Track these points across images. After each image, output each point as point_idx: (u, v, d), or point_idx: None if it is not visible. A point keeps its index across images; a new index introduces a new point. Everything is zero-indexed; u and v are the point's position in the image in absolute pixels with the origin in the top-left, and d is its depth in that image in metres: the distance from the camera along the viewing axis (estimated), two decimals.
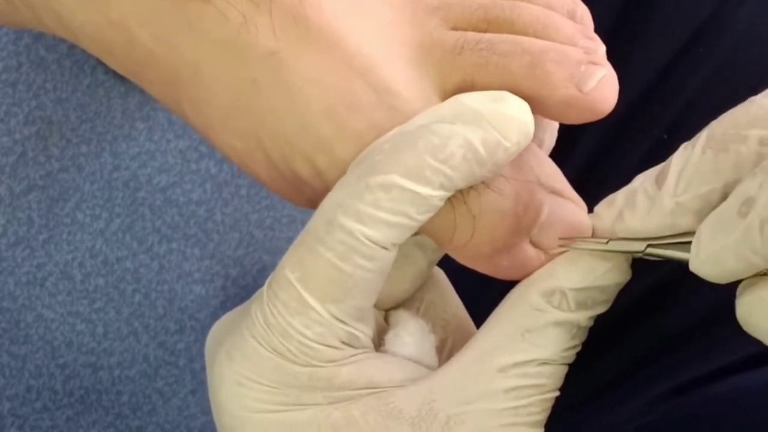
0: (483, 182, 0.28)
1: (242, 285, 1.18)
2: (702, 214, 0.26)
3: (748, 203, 0.24)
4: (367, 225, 0.26)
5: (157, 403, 1.15)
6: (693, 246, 0.26)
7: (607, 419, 0.43)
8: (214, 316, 1.17)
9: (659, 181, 0.27)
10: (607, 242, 0.28)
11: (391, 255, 0.27)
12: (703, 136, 0.26)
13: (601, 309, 0.29)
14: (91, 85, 1.05)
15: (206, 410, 1.18)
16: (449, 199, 0.27)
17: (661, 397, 0.41)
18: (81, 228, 1.08)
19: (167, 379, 1.15)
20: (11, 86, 1.01)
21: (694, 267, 0.26)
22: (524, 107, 0.27)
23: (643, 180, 0.28)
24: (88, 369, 1.10)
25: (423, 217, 0.27)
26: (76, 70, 1.04)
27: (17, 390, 1.07)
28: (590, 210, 0.30)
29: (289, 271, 0.27)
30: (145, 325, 1.13)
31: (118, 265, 1.10)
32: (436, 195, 0.27)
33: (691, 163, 0.26)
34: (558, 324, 0.28)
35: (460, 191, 0.28)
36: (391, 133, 0.27)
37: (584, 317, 0.28)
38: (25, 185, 1.04)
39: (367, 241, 0.26)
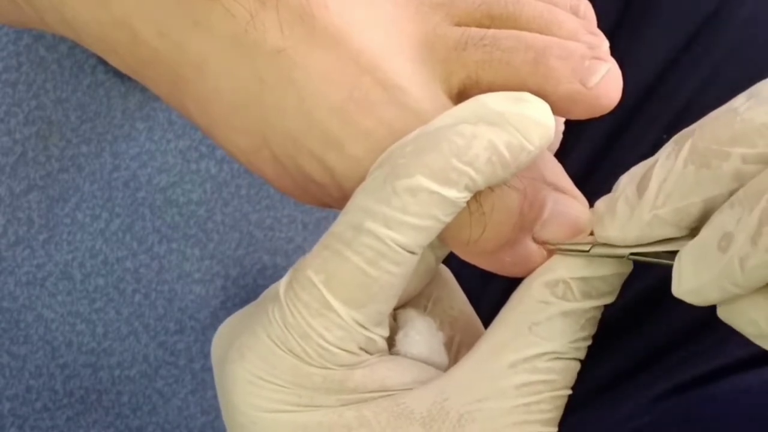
0: None
1: (242, 285, 1.18)
2: (680, 225, 0.26)
3: (727, 238, 0.24)
4: (396, 230, 0.26)
5: (157, 403, 1.15)
6: (674, 274, 0.26)
7: (607, 419, 0.43)
8: (214, 316, 1.17)
9: (640, 189, 0.27)
10: (590, 249, 0.28)
11: (416, 258, 0.27)
12: (685, 148, 0.26)
13: (607, 300, 0.29)
14: (91, 85, 1.05)
15: (206, 410, 1.18)
16: None
17: (660, 397, 0.41)
18: (81, 228, 1.08)
19: (167, 379, 1.15)
20: (11, 86, 1.01)
21: (676, 293, 0.26)
22: (546, 110, 0.27)
23: (626, 185, 0.28)
24: (88, 369, 1.10)
25: (449, 219, 0.27)
26: (76, 70, 1.04)
27: (17, 390, 1.07)
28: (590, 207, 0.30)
29: (313, 273, 0.27)
30: (145, 325, 1.13)
31: (118, 265, 1.10)
32: (462, 196, 0.26)
33: (673, 176, 0.26)
34: (565, 315, 0.28)
35: None
36: (412, 135, 0.27)
37: (590, 306, 0.28)
38: (25, 185, 1.04)
39: (396, 246, 0.26)
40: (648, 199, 0.26)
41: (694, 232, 0.26)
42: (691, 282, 0.25)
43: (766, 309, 0.25)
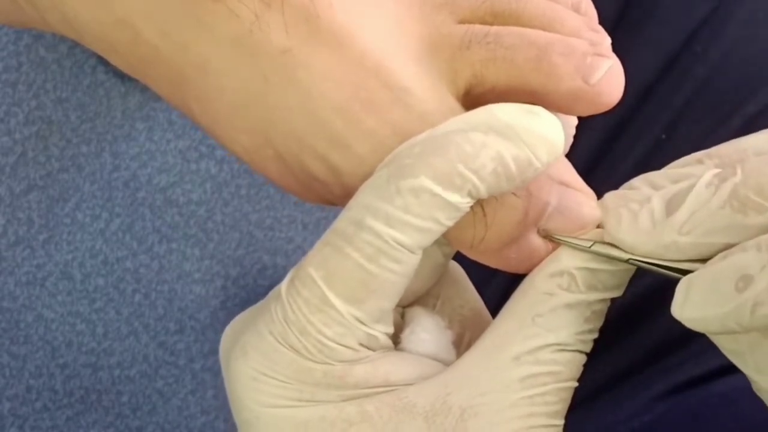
0: None
1: (242, 285, 1.18)
2: (693, 256, 0.27)
3: (746, 280, 0.24)
4: (396, 228, 0.26)
5: (157, 403, 1.15)
6: (679, 297, 0.26)
7: (606, 419, 0.43)
8: (214, 316, 1.17)
9: (669, 209, 0.27)
10: (591, 246, 0.28)
11: (417, 258, 0.27)
12: (726, 188, 0.26)
13: (614, 293, 0.29)
14: (91, 85, 1.05)
15: (206, 410, 1.18)
16: None
17: (660, 397, 0.42)
18: (81, 228, 1.08)
19: (167, 379, 1.15)
20: (11, 86, 1.01)
21: (677, 316, 0.26)
22: (557, 125, 0.27)
23: (654, 196, 0.28)
24: (88, 369, 1.10)
25: (451, 223, 0.27)
26: (76, 70, 1.04)
27: (17, 390, 1.07)
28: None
29: (313, 269, 0.27)
30: (145, 325, 1.13)
31: (118, 265, 1.10)
32: (464, 202, 0.27)
33: (707, 211, 0.26)
34: (569, 306, 0.28)
35: None
36: (421, 136, 0.27)
37: (595, 299, 0.28)
38: (25, 185, 1.04)
39: (396, 245, 0.26)
40: (674, 223, 0.27)
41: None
42: (696, 311, 0.26)
43: (757, 343, 0.26)
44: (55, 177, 1.05)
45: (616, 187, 0.30)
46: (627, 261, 0.28)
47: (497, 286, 0.43)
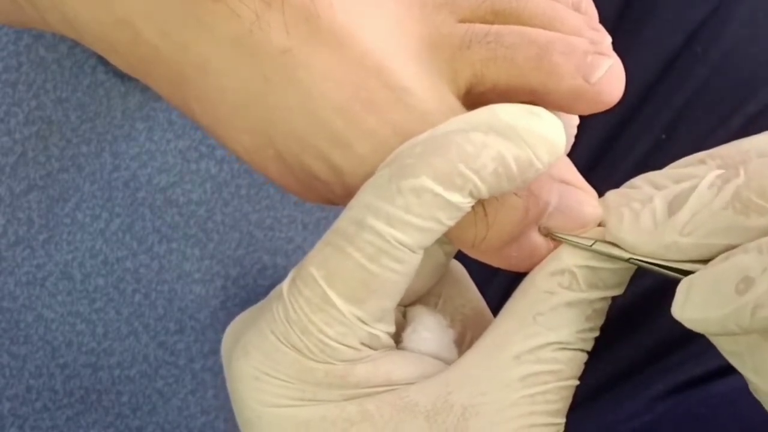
0: None
1: (242, 285, 1.18)
2: (694, 257, 0.27)
3: (747, 282, 0.24)
4: (398, 228, 0.26)
5: (157, 403, 1.15)
6: (679, 297, 0.26)
7: (606, 418, 0.43)
8: (214, 316, 1.17)
9: (671, 209, 0.27)
10: (593, 244, 0.28)
11: (418, 258, 0.27)
12: (730, 191, 0.26)
13: (614, 292, 0.29)
14: (91, 85, 1.05)
15: (206, 410, 1.18)
16: None
17: (659, 397, 0.42)
18: (81, 228, 1.08)
19: (167, 379, 1.15)
20: (11, 86, 1.01)
21: (677, 317, 0.26)
22: (558, 126, 0.27)
23: (656, 195, 0.28)
24: (88, 369, 1.10)
25: (452, 222, 0.27)
26: (76, 70, 1.04)
27: (17, 390, 1.07)
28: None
29: (314, 268, 0.27)
30: (145, 325, 1.13)
31: (118, 265, 1.10)
32: (465, 202, 0.27)
33: (708, 212, 0.26)
34: (570, 305, 0.28)
35: None
36: (422, 136, 0.27)
37: (596, 297, 0.28)
38: (25, 185, 1.04)
39: (397, 244, 0.26)
40: (676, 223, 0.27)
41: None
42: (696, 313, 0.26)
43: (756, 345, 0.26)
44: (55, 177, 1.05)
45: (616, 186, 0.30)
46: (628, 260, 0.28)
47: (499, 285, 0.43)
